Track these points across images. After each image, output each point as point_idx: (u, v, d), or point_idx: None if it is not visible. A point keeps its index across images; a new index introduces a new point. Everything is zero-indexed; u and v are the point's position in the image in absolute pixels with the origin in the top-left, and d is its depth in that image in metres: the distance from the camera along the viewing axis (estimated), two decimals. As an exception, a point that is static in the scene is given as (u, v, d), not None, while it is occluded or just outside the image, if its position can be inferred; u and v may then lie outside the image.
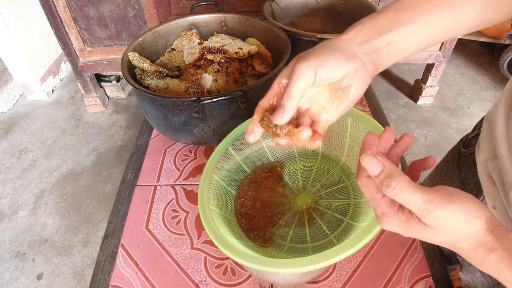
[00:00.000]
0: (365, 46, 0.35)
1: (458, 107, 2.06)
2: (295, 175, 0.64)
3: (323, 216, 0.57)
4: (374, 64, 0.36)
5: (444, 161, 0.69)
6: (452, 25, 0.35)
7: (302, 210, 0.59)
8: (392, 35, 0.34)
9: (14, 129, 1.99)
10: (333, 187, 0.61)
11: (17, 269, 1.38)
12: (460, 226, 0.28)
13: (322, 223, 0.56)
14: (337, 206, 0.58)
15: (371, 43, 0.35)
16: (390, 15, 0.35)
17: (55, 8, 1.58)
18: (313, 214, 0.58)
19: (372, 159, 0.30)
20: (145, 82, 0.75)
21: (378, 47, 0.35)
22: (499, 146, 0.44)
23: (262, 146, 0.64)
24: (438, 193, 0.28)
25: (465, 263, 0.55)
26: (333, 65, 0.34)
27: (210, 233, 0.46)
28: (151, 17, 1.63)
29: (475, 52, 2.48)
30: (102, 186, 1.66)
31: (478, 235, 0.28)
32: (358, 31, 0.35)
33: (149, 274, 0.60)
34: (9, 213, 1.57)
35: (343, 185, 0.60)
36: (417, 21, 0.34)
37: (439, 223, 0.28)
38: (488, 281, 0.49)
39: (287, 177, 0.64)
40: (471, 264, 0.52)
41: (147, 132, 0.87)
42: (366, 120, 0.54)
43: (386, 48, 0.35)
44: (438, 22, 0.34)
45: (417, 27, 0.34)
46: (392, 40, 0.35)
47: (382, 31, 0.34)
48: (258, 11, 1.05)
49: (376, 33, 0.34)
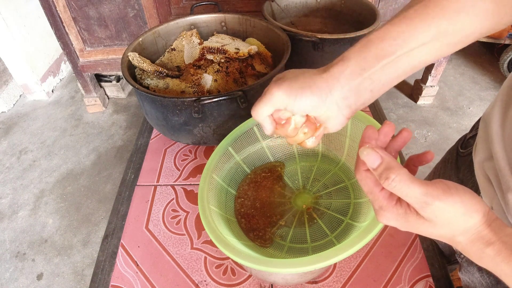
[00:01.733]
0: (346, 89, 0.34)
1: (458, 107, 2.06)
2: (295, 175, 0.64)
3: (323, 216, 0.57)
4: (351, 108, 0.36)
5: (442, 161, 0.69)
6: (437, 50, 0.34)
7: (302, 210, 0.59)
8: (374, 70, 0.34)
9: (14, 129, 1.99)
10: (333, 187, 0.61)
11: (17, 269, 1.38)
12: (458, 219, 0.28)
13: (322, 223, 0.56)
14: (337, 206, 0.58)
15: (353, 84, 0.34)
16: (372, 47, 0.33)
17: (55, 8, 1.58)
18: (313, 214, 0.58)
19: (371, 152, 0.30)
20: (145, 82, 0.75)
21: (360, 86, 0.34)
22: (494, 147, 0.44)
23: (262, 146, 0.64)
24: (437, 186, 0.28)
25: (464, 264, 0.55)
26: (306, 105, 0.35)
27: (210, 233, 0.46)
28: (151, 17, 1.63)
29: (475, 52, 2.48)
30: (102, 186, 1.66)
31: (476, 228, 0.28)
32: (342, 72, 0.34)
33: (149, 274, 0.60)
34: (9, 213, 1.57)
35: (343, 185, 0.60)
36: (401, 52, 0.33)
37: (437, 216, 0.28)
38: (486, 281, 0.49)
39: (287, 177, 0.64)
40: (469, 265, 0.52)
41: (147, 132, 0.87)
42: (366, 120, 0.54)
43: (369, 84, 0.34)
44: (420, 51, 0.33)
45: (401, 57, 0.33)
46: (373, 74, 0.34)
47: (365, 68, 0.34)
48: (258, 11, 1.05)
49: (359, 71, 0.34)
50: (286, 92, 0.34)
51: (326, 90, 0.34)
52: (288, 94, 0.34)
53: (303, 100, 0.34)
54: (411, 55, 0.33)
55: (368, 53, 0.33)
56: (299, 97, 0.34)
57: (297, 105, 0.35)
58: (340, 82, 0.34)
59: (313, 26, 1.08)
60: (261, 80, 0.66)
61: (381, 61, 0.33)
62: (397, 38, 0.33)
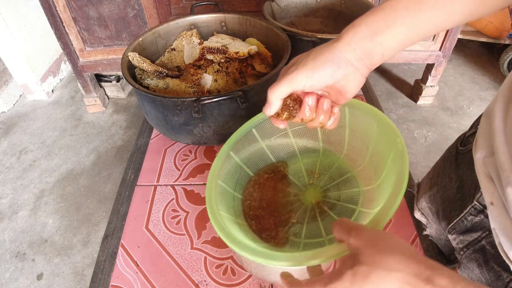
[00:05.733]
0: (358, 51, 0.36)
1: (458, 107, 2.06)
2: (299, 172, 0.64)
3: (334, 208, 0.56)
4: (367, 66, 0.37)
5: (442, 159, 0.69)
6: (443, 21, 0.36)
7: (312, 205, 0.58)
8: (385, 36, 0.35)
9: (14, 129, 1.99)
10: (339, 178, 0.60)
11: (17, 269, 1.38)
12: None
13: (335, 215, 0.55)
14: (346, 196, 0.57)
15: (365, 48, 0.36)
16: (383, 15, 0.36)
17: (55, 8, 1.58)
18: (324, 208, 0.57)
19: None
20: (145, 82, 0.75)
21: (372, 50, 0.36)
22: (496, 141, 0.45)
23: (262, 147, 0.64)
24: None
25: (463, 260, 0.55)
26: (323, 75, 0.36)
27: (225, 238, 0.44)
28: (151, 17, 1.63)
29: (475, 52, 2.48)
30: (102, 186, 1.66)
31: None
32: (353, 36, 0.36)
33: (149, 274, 0.60)
34: (9, 213, 1.57)
35: (349, 175, 0.59)
36: (409, 21, 0.35)
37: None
38: (486, 277, 0.49)
39: (292, 176, 0.64)
40: (469, 261, 0.52)
41: (147, 132, 0.87)
42: (363, 107, 0.54)
43: (380, 49, 0.36)
44: (429, 20, 0.35)
45: (409, 26, 0.35)
46: (385, 41, 0.36)
47: (376, 32, 0.35)
48: (258, 11, 1.04)
49: (370, 35, 0.35)
50: (306, 72, 0.36)
51: (340, 56, 0.36)
52: (306, 74, 0.36)
53: (321, 72, 0.36)
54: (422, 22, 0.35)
55: (379, 20, 0.35)
56: (316, 70, 0.36)
57: (315, 79, 0.36)
58: (351, 46, 0.36)
59: (313, 26, 1.08)
60: (261, 80, 0.66)
61: (392, 27, 0.35)
62: (408, 8, 0.35)
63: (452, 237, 0.54)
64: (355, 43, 0.36)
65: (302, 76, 0.36)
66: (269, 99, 0.39)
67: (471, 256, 0.50)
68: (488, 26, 2.12)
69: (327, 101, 0.40)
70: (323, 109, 0.41)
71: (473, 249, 0.50)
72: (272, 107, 0.39)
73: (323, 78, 0.36)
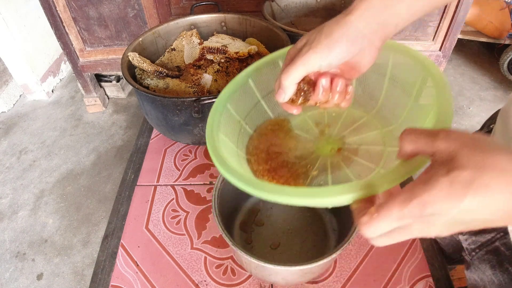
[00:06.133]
0: (373, 24, 0.34)
1: (458, 107, 2.06)
2: (305, 125, 0.54)
3: (358, 152, 0.48)
4: (382, 39, 0.36)
5: None
6: None
7: (332, 154, 0.49)
8: (399, 7, 0.34)
9: (14, 129, 1.99)
10: (353, 125, 0.51)
11: (17, 269, 1.38)
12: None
13: (362, 160, 0.47)
14: (369, 139, 0.49)
15: (380, 20, 0.34)
16: None
17: (55, 8, 1.58)
18: (346, 154, 0.48)
19: None
20: (145, 82, 0.75)
21: (387, 21, 0.35)
22: None
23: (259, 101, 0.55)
24: None
25: (474, 261, 0.54)
26: (340, 52, 0.34)
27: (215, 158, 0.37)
28: (151, 17, 1.63)
29: (475, 52, 2.48)
30: (102, 186, 1.66)
31: None
32: (366, 8, 0.34)
33: (149, 274, 0.60)
34: (9, 213, 1.57)
35: (365, 120, 0.51)
36: None
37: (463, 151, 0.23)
38: (499, 279, 0.49)
39: (298, 130, 0.54)
40: (481, 262, 0.51)
41: (147, 132, 0.87)
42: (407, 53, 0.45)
43: (394, 20, 0.35)
44: None
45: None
46: (399, 11, 0.34)
47: (390, 4, 0.34)
48: (258, 11, 1.04)
49: (384, 7, 0.34)
50: (321, 51, 0.34)
51: (355, 30, 0.34)
52: (322, 53, 0.34)
53: (337, 49, 0.34)
54: None
55: None
56: (333, 48, 0.34)
57: (332, 57, 0.34)
58: (365, 19, 0.34)
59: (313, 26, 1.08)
60: (261, 80, 0.66)
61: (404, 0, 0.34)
62: None
63: (463, 238, 0.53)
64: (370, 16, 0.34)
65: (317, 56, 0.34)
66: (283, 84, 0.35)
67: (483, 257, 0.49)
68: (488, 26, 2.12)
69: (341, 81, 0.38)
70: (337, 90, 0.38)
71: (486, 250, 0.49)
72: (286, 93, 0.36)
73: (340, 55, 0.34)
